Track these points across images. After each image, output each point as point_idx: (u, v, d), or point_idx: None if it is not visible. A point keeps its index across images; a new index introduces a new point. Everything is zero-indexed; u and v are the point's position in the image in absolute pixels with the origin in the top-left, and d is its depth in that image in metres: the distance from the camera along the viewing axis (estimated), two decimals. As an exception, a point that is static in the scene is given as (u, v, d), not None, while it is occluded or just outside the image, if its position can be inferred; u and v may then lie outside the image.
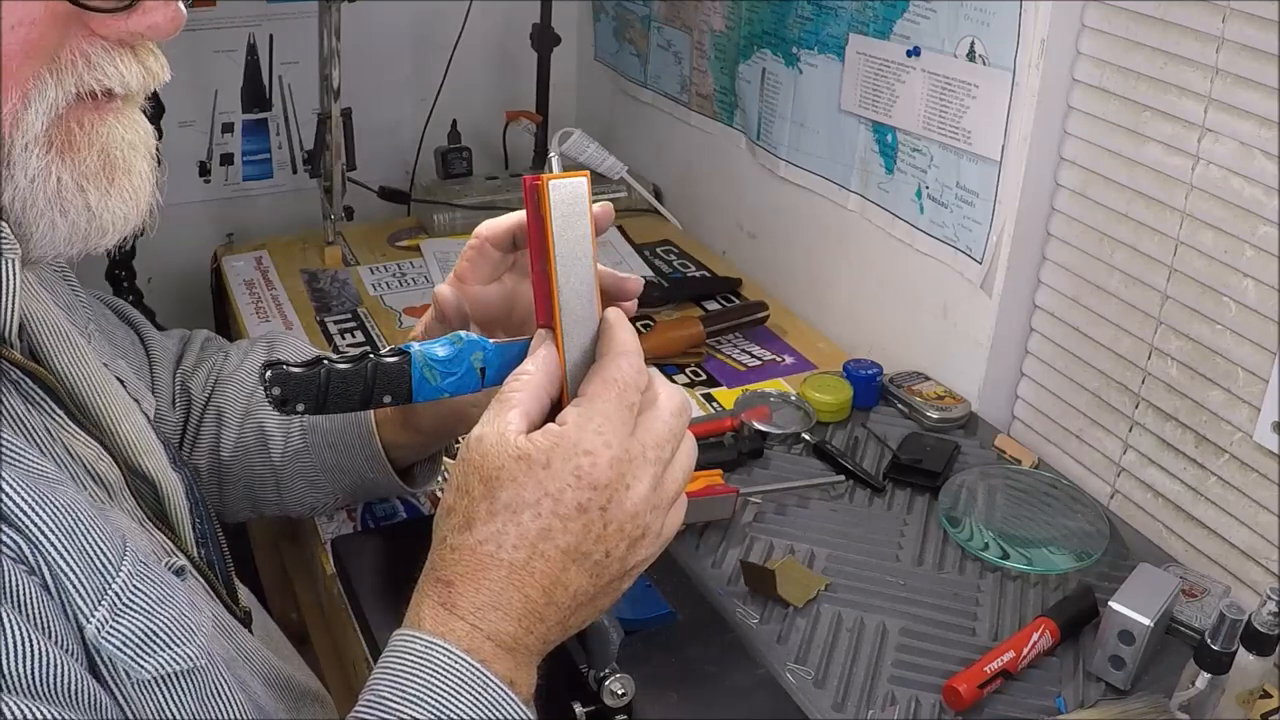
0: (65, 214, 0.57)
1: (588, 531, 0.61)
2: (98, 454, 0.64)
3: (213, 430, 0.97)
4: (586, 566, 0.62)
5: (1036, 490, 1.12)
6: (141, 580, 0.58)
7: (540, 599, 0.61)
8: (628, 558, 0.63)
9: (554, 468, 0.60)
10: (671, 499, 0.65)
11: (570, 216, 0.64)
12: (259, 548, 1.45)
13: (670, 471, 0.65)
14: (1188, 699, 0.81)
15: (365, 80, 1.74)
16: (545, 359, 0.65)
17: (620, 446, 0.61)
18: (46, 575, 0.53)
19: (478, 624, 0.60)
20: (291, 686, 0.77)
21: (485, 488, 0.61)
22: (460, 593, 0.60)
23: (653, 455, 0.63)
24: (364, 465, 0.93)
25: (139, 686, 0.56)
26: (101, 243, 0.60)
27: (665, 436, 0.64)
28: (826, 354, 1.40)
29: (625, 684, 0.76)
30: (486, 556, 0.60)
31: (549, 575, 0.61)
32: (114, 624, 0.55)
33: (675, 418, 0.65)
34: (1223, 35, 0.94)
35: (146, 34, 0.57)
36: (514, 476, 0.60)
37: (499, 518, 0.60)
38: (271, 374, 0.67)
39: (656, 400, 0.65)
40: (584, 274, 0.65)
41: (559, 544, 0.60)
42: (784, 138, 1.48)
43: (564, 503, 0.60)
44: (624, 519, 0.62)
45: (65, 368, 0.65)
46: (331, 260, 1.61)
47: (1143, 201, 1.05)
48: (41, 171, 0.56)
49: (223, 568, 0.77)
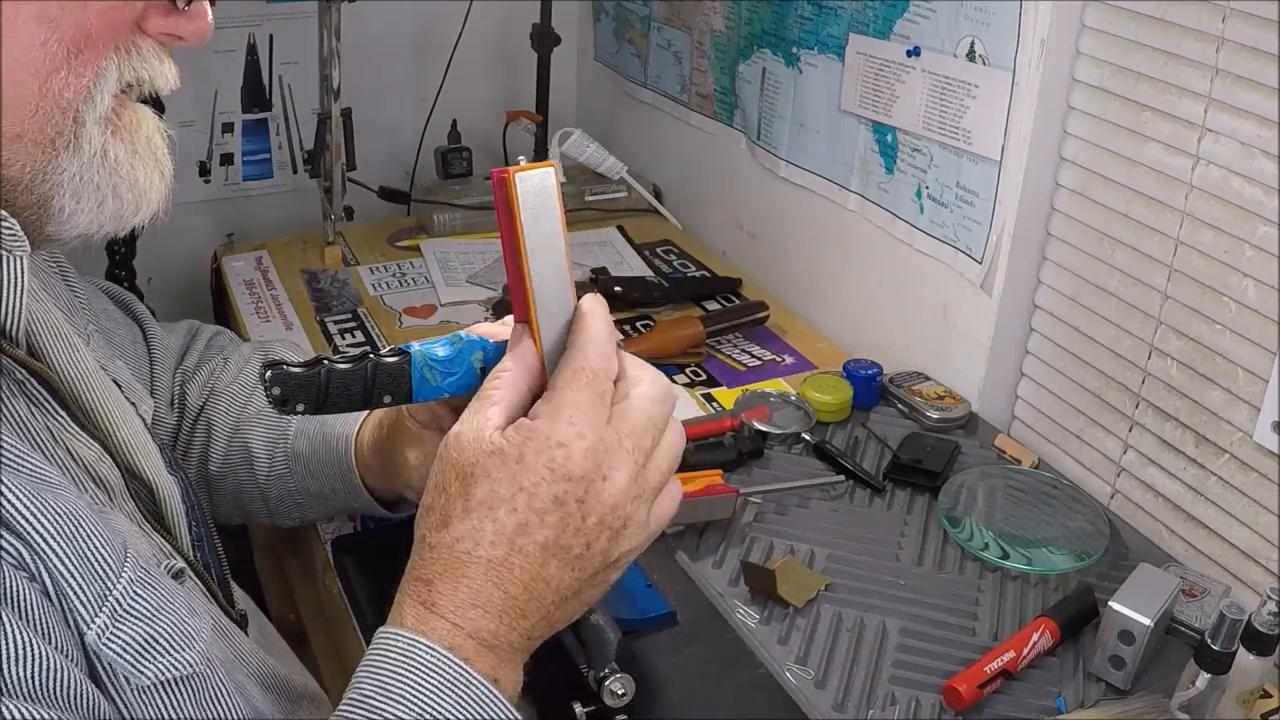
0: (117, 192, 0.60)
1: (565, 525, 0.60)
2: (98, 455, 0.64)
3: (202, 441, 0.97)
4: (567, 560, 0.61)
5: (1036, 490, 1.12)
6: (142, 586, 0.58)
7: (521, 595, 0.60)
8: (610, 550, 0.62)
9: (527, 461, 0.59)
10: (655, 488, 0.64)
11: (539, 209, 0.63)
12: (258, 549, 1.45)
13: (653, 460, 0.63)
14: (1188, 699, 0.81)
15: (365, 80, 1.74)
16: (522, 354, 0.64)
17: (594, 436, 0.60)
18: (47, 582, 0.53)
19: (459, 622, 0.59)
20: (288, 688, 0.77)
21: (461, 485, 0.60)
22: (440, 591, 0.60)
23: (629, 444, 0.62)
24: (347, 497, 0.92)
25: (138, 692, 0.56)
26: (134, 220, 0.62)
27: (643, 425, 0.63)
28: (826, 354, 1.40)
29: (625, 684, 0.76)
30: (464, 554, 0.60)
31: (529, 571, 0.60)
32: (114, 630, 0.55)
33: (655, 405, 0.64)
34: (1223, 35, 0.94)
35: (188, 36, 0.60)
36: (488, 472, 0.60)
37: (475, 514, 0.60)
38: (271, 374, 0.67)
39: (634, 388, 0.64)
40: (556, 265, 0.64)
41: (537, 539, 0.60)
42: (784, 138, 1.48)
43: (539, 497, 0.59)
44: (603, 510, 0.61)
45: (64, 369, 0.65)
46: (331, 260, 1.61)
47: (1143, 201, 1.05)
48: (102, 147, 0.58)
49: (219, 570, 0.77)
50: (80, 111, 0.56)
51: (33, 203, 0.57)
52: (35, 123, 0.55)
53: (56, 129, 0.56)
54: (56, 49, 0.55)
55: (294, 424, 0.93)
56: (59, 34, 0.54)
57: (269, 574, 1.42)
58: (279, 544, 1.38)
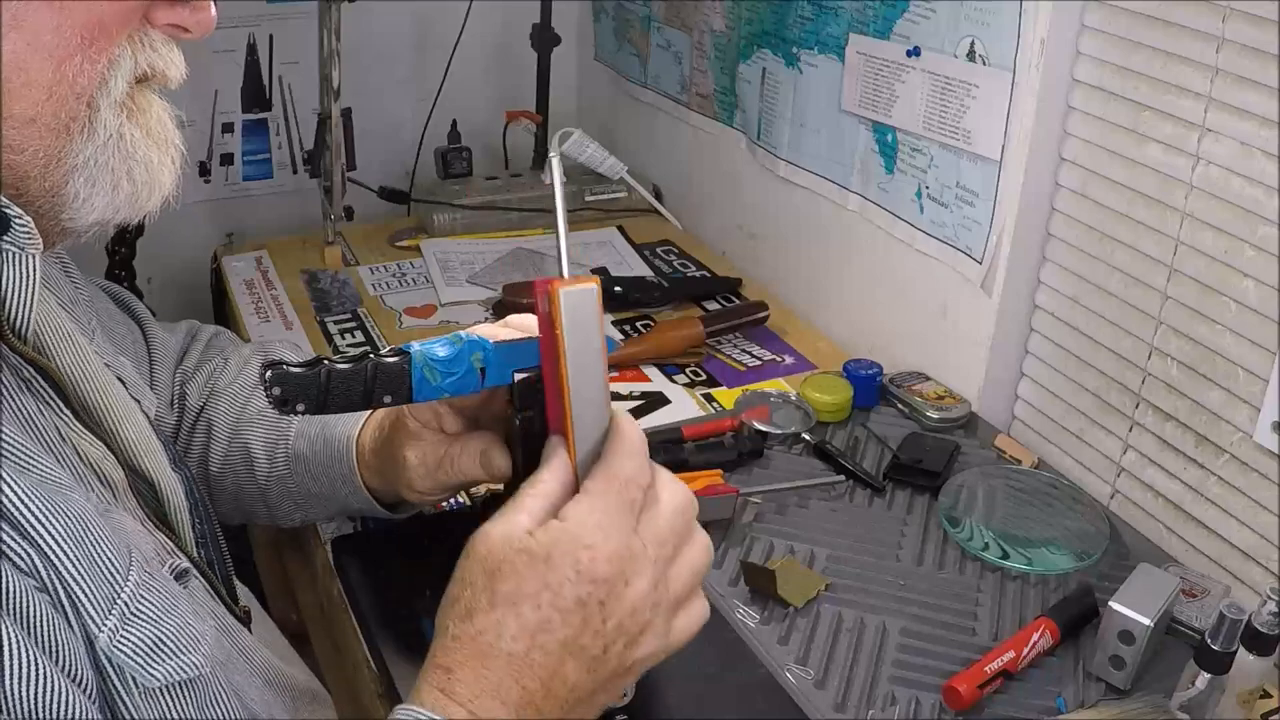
0: (131, 175, 0.60)
1: (586, 626, 0.61)
2: (103, 454, 0.65)
3: (202, 442, 0.97)
4: (584, 661, 0.61)
5: (1036, 490, 1.12)
6: (147, 590, 0.58)
7: (538, 691, 0.61)
8: (625, 655, 0.63)
9: (554, 561, 0.60)
10: (677, 598, 0.65)
11: (581, 324, 0.63)
12: (259, 548, 1.45)
13: (675, 569, 0.65)
14: (1188, 699, 0.81)
15: (365, 80, 1.74)
16: (557, 466, 0.65)
17: (621, 542, 0.61)
18: (56, 586, 0.53)
19: (474, 710, 0.60)
20: (291, 686, 0.77)
21: (487, 579, 0.61)
22: (459, 679, 0.60)
23: (653, 553, 0.63)
24: (348, 498, 0.92)
25: (145, 695, 0.57)
26: (148, 205, 0.62)
27: (666, 534, 0.64)
28: (826, 354, 1.40)
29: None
30: (486, 646, 0.60)
31: (547, 668, 0.61)
32: (124, 633, 0.56)
33: (677, 515, 0.65)
34: (1223, 35, 0.94)
35: (193, 28, 0.60)
36: (516, 570, 0.60)
37: (499, 609, 0.60)
38: (272, 374, 0.67)
39: (659, 498, 0.65)
40: (595, 380, 0.64)
41: (557, 637, 0.60)
42: (784, 138, 1.48)
43: (563, 596, 0.60)
44: (623, 614, 0.62)
45: (69, 368, 0.66)
46: (331, 260, 1.61)
47: (1143, 201, 1.05)
48: (118, 130, 0.59)
49: (222, 568, 0.77)
50: (95, 97, 0.57)
51: (46, 191, 0.58)
52: (50, 107, 0.56)
53: (71, 114, 0.57)
54: (70, 34, 0.55)
55: (294, 424, 0.93)
56: (72, 20, 0.55)
57: (270, 574, 1.42)
58: (280, 543, 1.38)
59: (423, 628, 0.88)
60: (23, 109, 0.55)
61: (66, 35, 0.55)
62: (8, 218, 0.55)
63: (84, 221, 0.60)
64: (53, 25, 0.54)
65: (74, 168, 0.58)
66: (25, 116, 0.55)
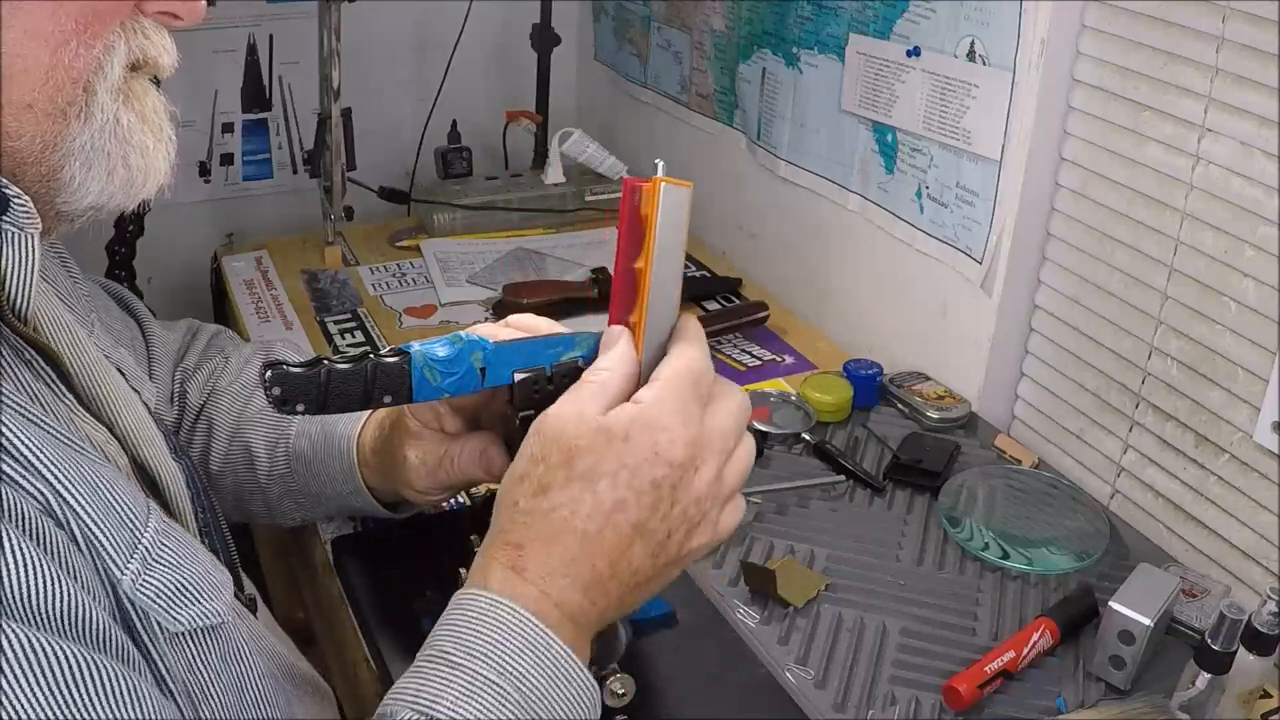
0: (127, 160, 0.60)
1: (655, 509, 0.62)
2: (107, 438, 0.65)
3: (203, 441, 0.97)
4: (650, 545, 0.62)
5: (1036, 490, 1.12)
6: (167, 538, 0.59)
7: (606, 571, 0.61)
8: (685, 543, 0.64)
9: (633, 440, 0.61)
10: (729, 492, 0.66)
11: (673, 221, 0.65)
12: (264, 546, 1.45)
13: (731, 464, 0.65)
14: (1188, 699, 0.81)
15: (365, 80, 1.74)
16: (622, 356, 0.65)
17: (695, 428, 0.63)
18: (76, 530, 0.53)
19: (546, 589, 0.60)
20: (294, 674, 0.77)
21: (563, 456, 0.61)
22: (530, 556, 0.61)
23: (719, 445, 0.64)
24: (349, 497, 0.92)
25: (171, 640, 0.57)
26: (143, 191, 0.62)
27: (730, 429, 0.65)
28: (826, 354, 1.40)
29: (625, 684, 0.76)
30: (560, 522, 0.61)
31: (617, 548, 0.61)
32: (146, 577, 0.56)
33: (740, 413, 0.66)
34: (1223, 35, 0.94)
35: (185, 15, 0.61)
36: (593, 448, 0.61)
37: (575, 484, 0.61)
38: (271, 374, 0.67)
39: (722, 394, 0.66)
40: (673, 275, 0.66)
41: (630, 517, 0.61)
42: (784, 138, 1.48)
43: (640, 476, 0.61)
44: (688, 501, 0.63)
45: (69, 355, 0.65)
46: (331, 260, 1.61)
47: (1143, 201, 1.05)
48: (115, 115, 0.59)
49: (227, 555, 0.77)
50: (91, 81, 0.57)
51: (41, 175, 0.58)
52: (46, 92, 0.56)
53: (68, 99, 0.57)
54: (65, 20, 0.55)
55: (295, 424, 0.93)
56: (67, 6, 0.55)
57: (276, 573, 1.42)
58: (284, 543, 1.38)
59: (422, 627, 0.88)
60: (20, 94, 0.55)
61: (62, 21, 0.55)
62: (7, 198, 0.55)
63: (79, 206, 0.60)
64: (49, 11, 0.55)
65: (70, 152, 0.58)
66: (22, 102, 0.55)
